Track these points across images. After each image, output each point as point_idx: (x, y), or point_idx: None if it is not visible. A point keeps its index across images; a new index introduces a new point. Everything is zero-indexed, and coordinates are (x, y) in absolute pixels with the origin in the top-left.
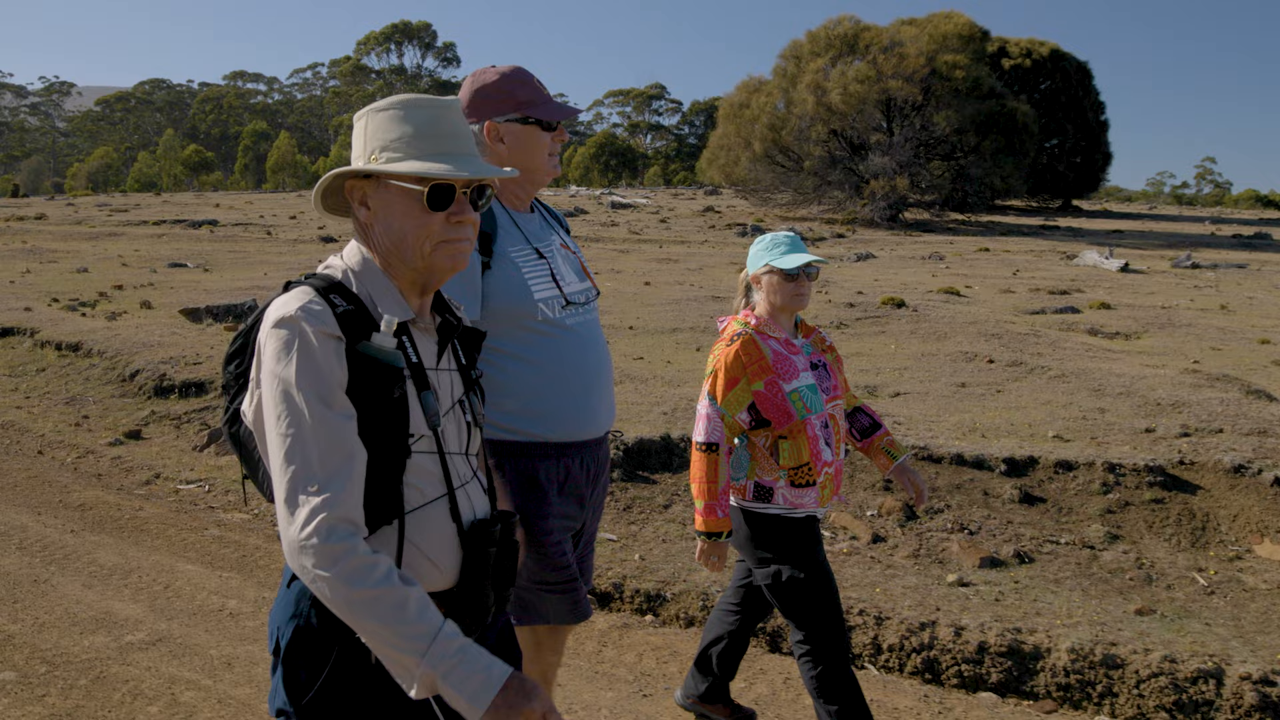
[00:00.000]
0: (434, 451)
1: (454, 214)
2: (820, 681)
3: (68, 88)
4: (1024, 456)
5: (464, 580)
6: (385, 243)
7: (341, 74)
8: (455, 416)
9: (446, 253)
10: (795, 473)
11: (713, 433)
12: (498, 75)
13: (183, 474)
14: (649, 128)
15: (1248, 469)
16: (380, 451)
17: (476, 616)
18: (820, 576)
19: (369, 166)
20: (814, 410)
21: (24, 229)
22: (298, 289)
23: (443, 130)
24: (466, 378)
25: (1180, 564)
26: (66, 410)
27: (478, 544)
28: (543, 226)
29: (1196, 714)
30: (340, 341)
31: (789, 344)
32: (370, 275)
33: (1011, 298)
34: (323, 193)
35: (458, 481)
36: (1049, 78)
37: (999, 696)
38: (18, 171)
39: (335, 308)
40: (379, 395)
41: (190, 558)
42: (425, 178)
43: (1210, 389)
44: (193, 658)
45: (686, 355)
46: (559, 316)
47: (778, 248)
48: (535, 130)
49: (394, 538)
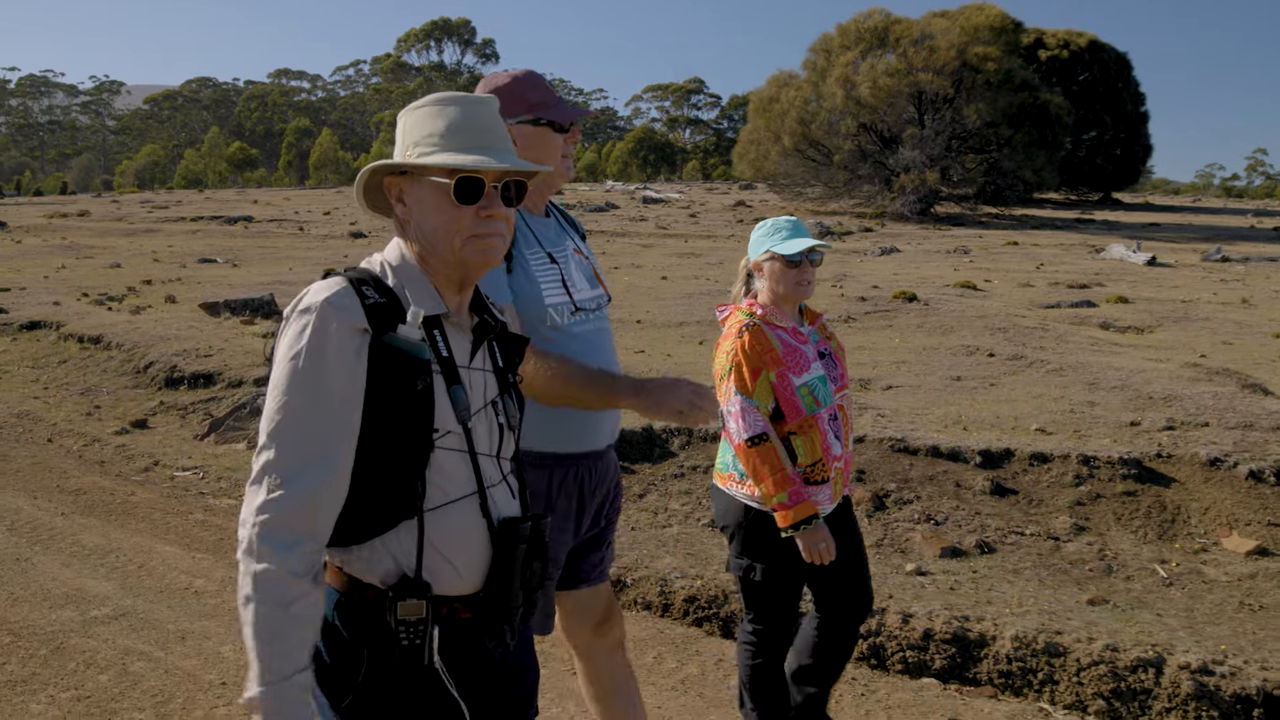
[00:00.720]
0: (463, 450)
1: (483, 208)
2: (755, 672)
3: (117, 86)
4: (1000, 449)
5: (491, 580)
6: (420, 238)
7: (382, 71)
8: (487, 417)
9: (477, 247)
10: (811, 469)
11: (754, 424)
12: (509, 78)
13: (180, 461)
14: (687, 122)
15: (1224, 462)
16: (400, 445)
17: (504, 618)
18: (794, 584)
19: (401, 161)
20: (824, 403)
21: (65, 226)
22: (331, 279)
23: (476, 125)
24: (502, 380)
25: (1144, 556)
26: (80, 400)
27: (507, 542)
28: (557, 231)
29: (1134, 702)
30: (365, 334)
31: (796, 333)
32: (406, 270)
33: (1029, 292)
34: (364, 190)
35: (485, 483)
36: (1087, 69)
37: (942, 683)
38: (69, 169)
39: (365, 299)
40: (403, 387)
41: (170, 540)
42: (454, 169)
43: (1207, 383)
44: (150, 631)
45: (688, 349)
46: (567, 323)
47: (779, 233)
48: (547, 132)
49: (414, 535)
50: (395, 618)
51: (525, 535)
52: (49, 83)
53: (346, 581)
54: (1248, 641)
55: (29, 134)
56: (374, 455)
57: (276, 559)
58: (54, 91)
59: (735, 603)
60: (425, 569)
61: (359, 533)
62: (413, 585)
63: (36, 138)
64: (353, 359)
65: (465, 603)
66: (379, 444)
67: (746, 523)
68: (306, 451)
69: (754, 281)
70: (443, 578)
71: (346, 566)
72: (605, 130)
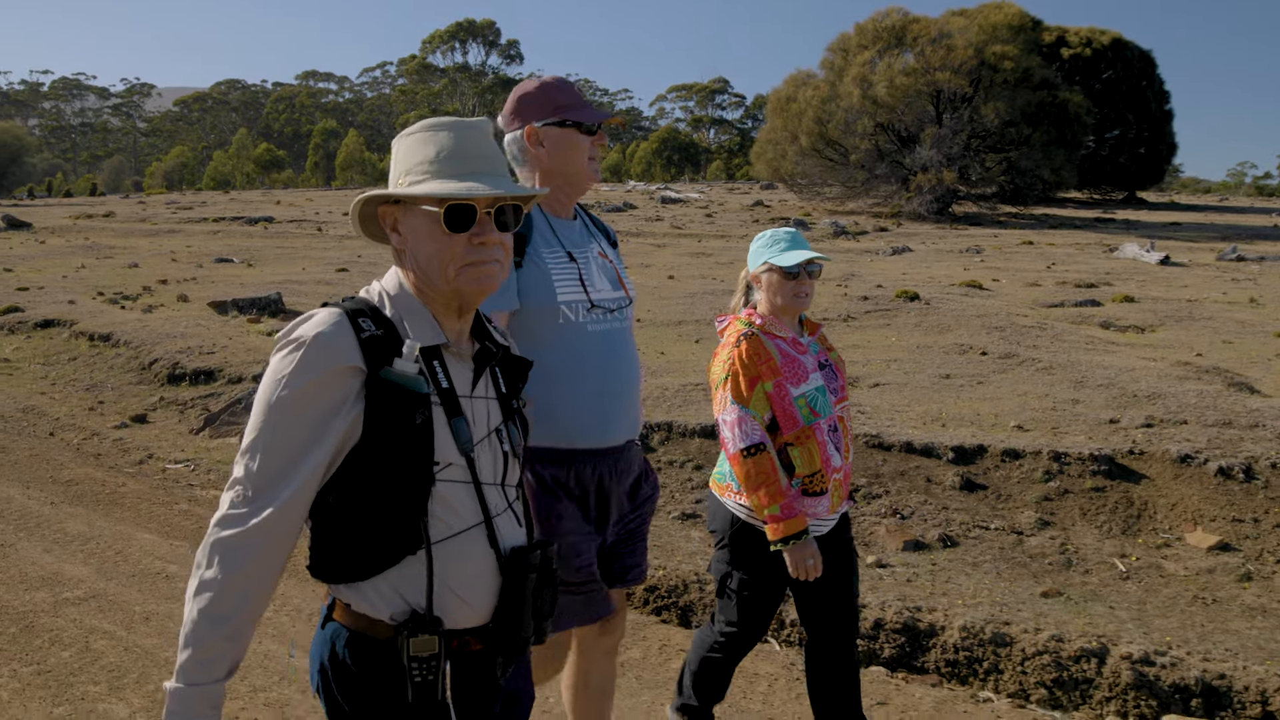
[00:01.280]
0: (467, 481)
1: (475, 235)
2: (706, 664)
3: (148, 89)
4: (973, 445)
5: (501, 610)
6: (415, 267)
7: (408, 72)
8: (491, 446)
9: (471, 276)
10: (809, 480)
11: (751, 434)
12: (538, 83)
13: (173, 454)
14: (712, 122)
15: (1194, 459)
16: (400, 480)
17: (514, 648)
18: (773, 598)
19: (391, 190)
20: (823, 414)
21: (90, 226)
22: (328, 310)
23: (467, 151)
24: (506, 407)
25: (1105, 550)
26: (85, 396)
27: (517, 572)
28: (582, 234)
29: (1075, 691)
30: (360, 373)
31: (796, 343)
32: (404, 300)
33: (1036, 291)
34: (360, 220)
35: (491, 512)
36: (1110, 67)
37: (889, 671)
38: (100, 171)
39: (361, 332)
40: (401, 421)
41: (151, 528)
42: (443, 198)
43: (1195, 381)
44: (117, 612)
45: (683, 347)
46: (582, 320)
47: (777, 244)
48: (573, 133)
49: (421, 570)
50: (408, 654)
51: (535, 564)
52: (81, 85)
53: (356, 619)
54: (1194, 634)
55: (61, 136)
56: (375, 491)
57: (224, 574)
58: (86, 94)
59: (695, 592)
60: (435, 604)
61: (364, 569)
62: (424, 621)
63: (69, 140)
64: (335, 397)
65: (476, 635)
66: (379, 479)
67: (736, 533)
68: (272, 476)
69: (753, 293)
70: (452, 611)
71: (355, 604)
72: (630, 131)
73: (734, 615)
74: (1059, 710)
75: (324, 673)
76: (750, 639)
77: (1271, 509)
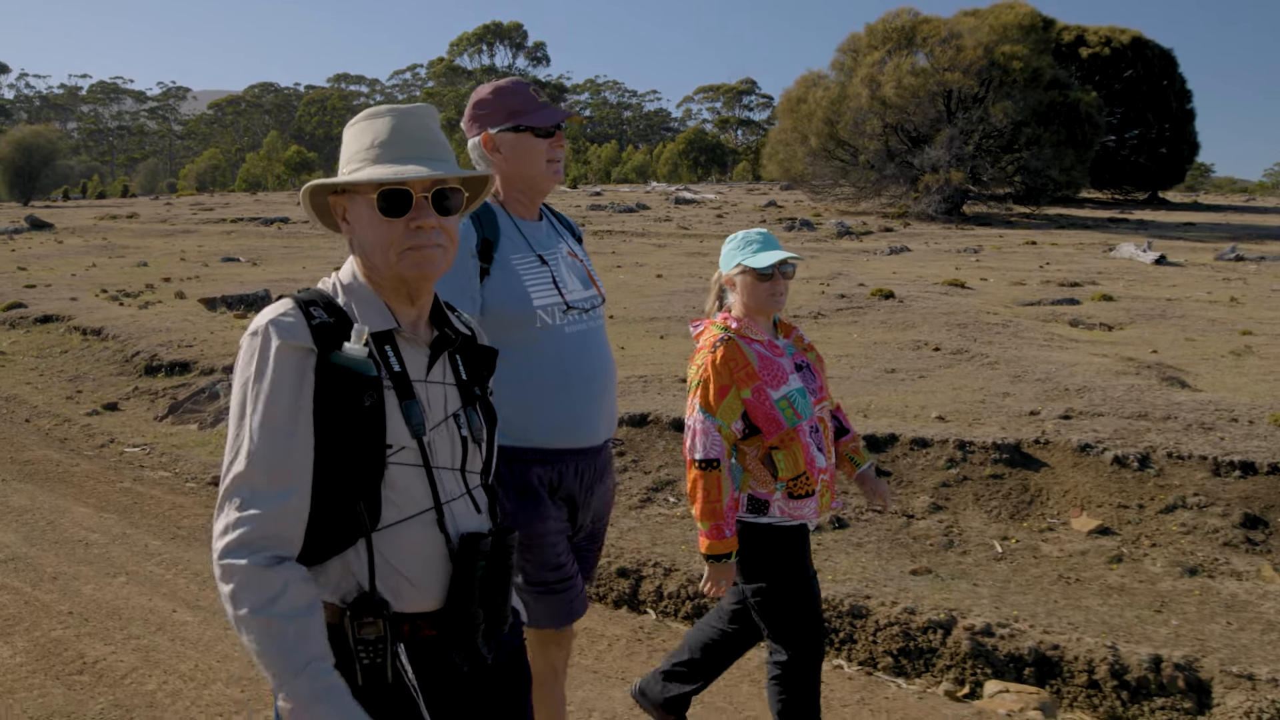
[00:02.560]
0: (419, 465)
1: (413, 219)
2: (789, 708)
3: (183, 92)
4: (885, 434)
5: (452, 597)
6: (362, 254)
7: (435, 75)
8: (448, 430)
9: (411, 260)
10: (794, 483)
11: (710, 448)
12: (492, 88)
13: (134, 439)
14: (739, 123)
15: (1094, 448)
16: (352, 462)
17: (466, 635)
18: (807, 594)
19: (328, 179)
20: (804, 415)
21: (110, 227)
22: (281, 301)
23: (404, 137)
24: (466, 393)
25: (989, 533)
26: (66, 386)
27: (466, 559)
28: (550, 234)
29: (920, 660)
30: (311, 353)
31: (772, 346)
32: (357, 289)
33: (1018, 290)
34: (319, 214)
35: (443, 498)
36: (1131, 66)
37: None
38: (135, 173)
39: (312, 319)
40: (350, 404)
41: (89, 503)
42: (376, 183)
43: (1132, 376)
44: (29, 573)
45: (646, 343)
46: (559, 323)
47: (750, 246)
48: (528, 138)
49: (364, 553)
50: (354, 637)
51: (486, 551)
52: (118, 89)
53: None
54: (1044, 609)
55: (99, 139)
56: (327, 474)
57: (247, 566)
58: (123, 98)
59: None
60: (383, 587)
61: (318, 552)
62: (369, 604)
63: (106, 143)
64: (298, 377)
65: (428, 620)
66: (331, 462)
67: (750, 543)
68: (267, 470)
69: (727, 296)
70: (402, 595)
71: None
72: (659, 132)
73: (787, 628)
74: (903, 677)
75: None
76: (814, 652)
77: (1158, 496)
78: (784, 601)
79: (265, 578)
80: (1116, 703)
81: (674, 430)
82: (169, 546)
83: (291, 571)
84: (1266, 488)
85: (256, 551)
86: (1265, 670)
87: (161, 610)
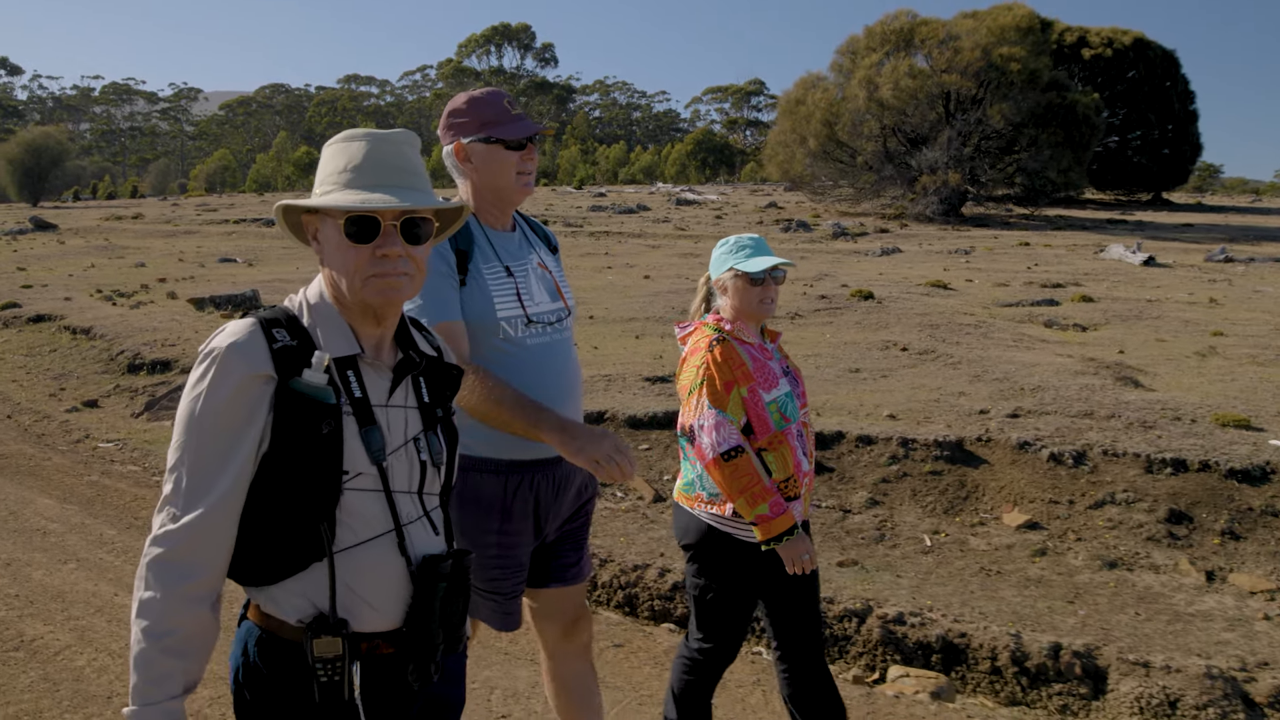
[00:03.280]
0: (378, 490)
1: (379, 247)
2: (688, 688)
3: (195, 93)
4: (833, 432)
5: (411, 618)
6: (329, 276)
7: (444, 76)
8: (407, 454)
9: (375, 287)
10: (784, 486)
11: (729, 438)
12: (467, 99)
13: (109, 435)
14: (747, 124)
15: (1032, 446)
16: (307, 488)
17: (426, 655)
18: (748, 606)
19: (300, 201)
20: (792, 419)
21: (112, 227)
22: (243, 320)
23: (379, 163)
24: (428, 416)
25: (921, 527)
26: (50, 384)
27: (427, 581)
28: (521, 245)
29: (834, 647)
30: (270, 380)
31: (763, 349)
32: (323, 309)
33: (1000, 291)
34: (293, 230)
35: (401, 520)
36: (1133, 67)
37: (679, 627)
38: (147, 174)
39: (274, 342)
40: (308, 431)
41: (54, 494)
42: (343, 210)
43: (1090, 376)
44: None
45: (620, 343)
46: (520, 335)
47: (742, 250)
48: (499, 150)
49: (324, 577)
50: (312, 655)
51: (446, 573)
52: (130, 90)
53: (267, 619)
54: (958, 599)
55: (111, 140)
56: (282, 498)
57: (162, 591)
58: (135, 99)
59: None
60: (341, 607)
61: (272, 574)
62: (328, 623)
63: (118, 143)
64: (249, 405)
65: (386, 639)
66: (287, 487)
67: (708, 543)
68: (197, 489)
69: (715, 299)
70: (360, 616)
71: (264, 606)
72: (668, 133)
73: (713, 629)
74: None
75: (237, 672)
76: (729, 652)
77: (1089, 492)
78: (726, 606)
79: (170, 610)
80: (1016, 688)
81: (628, 427)
82: (123, 535)
83: (199, 606)
84: (1195, 485)
85: (177, 578)
86: (1160, 658)
87: (104, 594)
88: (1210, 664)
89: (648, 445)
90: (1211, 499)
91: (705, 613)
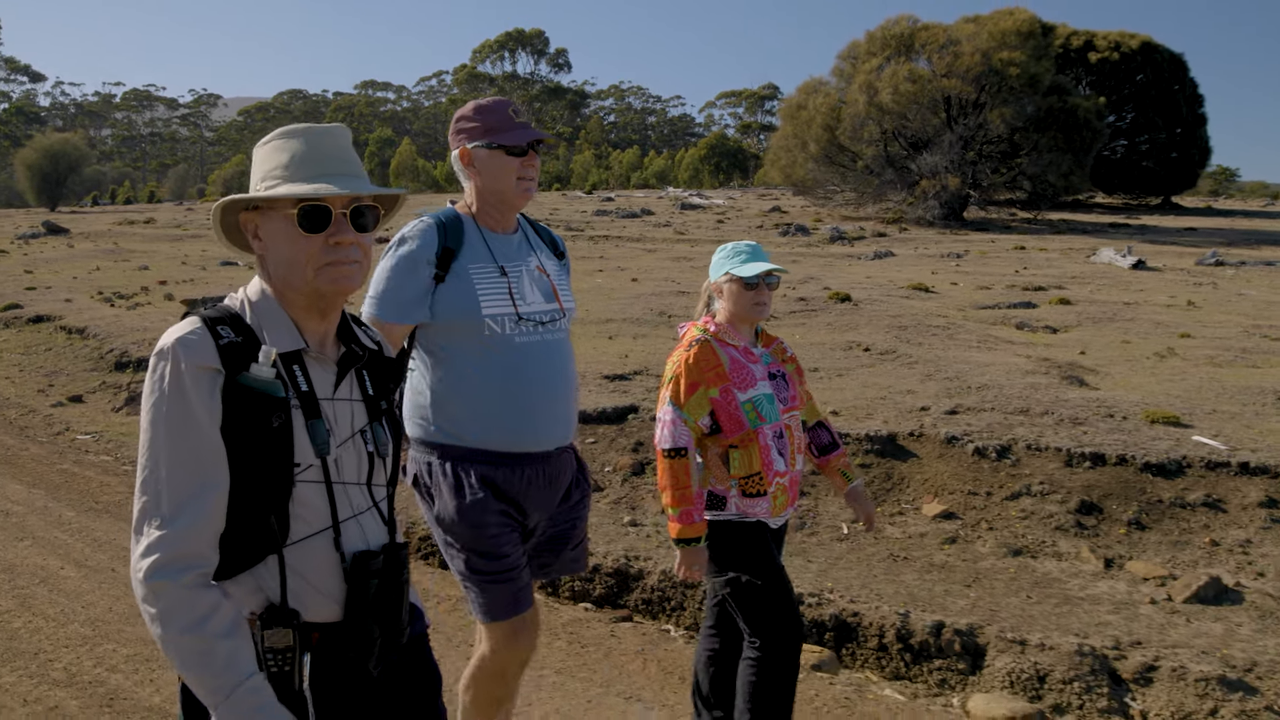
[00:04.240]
0: (321, 481)
1: (332, 235)
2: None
3: (214, 99)
4: None
5: (347, 613)
6: (276, 271)
7: (459, 81)
8: (355, 446)
9: (329, 275)
10: (746, 482)
11: (678, 437)
12: (474, 106)
13: (87, 427)
14: (760, 128)
15: (959, 440)
16: (261, 481)
17: (362, 650)
18: (776, 581)
19: (247, 195)
20: (769, 420)
21: (123, 232)
22: (188, 319)
23: (321, 155)
24: (373, 408)
25: (843, 516)
26: (41, 380)
27: (359, 576)
28: (520, 247)
29: None
30: (218, 374)
31: (748, 352)
32: (265, 306)
33: (981, 294)
34: (225, 231)
35: (349, 512)
36: (1140, 71)
37: (597, 608)
38: (166, 179)
39: (220, 339)
40: (258, 424)
41: (24, 480)
42: (298, 199)
43: (1039, 375)
44: None
45: (592, 343)
46: (508, 332)
47: (738, 256)
48: (500, 155)
49: (276, 569)
50: (262, 646)
51: (378, 569)
52: (151, 97)
53: None
54: (860, 583)
55: (132, 145)
56: (238, 491)
57: (173, 586)
58: (155, 105)
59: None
60: (293, 598)
61: (229, 567)
62: (279, 614)
63: (139, 149)
64: (206, 396)
65: (327, 631)
66: (240, 481)
67: (717, 540)
68: (178, 490)
69: (714, 302)
70: (312, 606)
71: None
72: (682, 137)
73: (765, 620)
74: None
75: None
76: (794, 643)
77: (1008, 484)
78: (756, 590)
79: (193, 599)
80: (900, 664)
81: (580, 422)
82: (82, 518)
83: (217, 591)
84: (1109, 478)
85: (180, 571)
86: (1037, 636)
87: (50, 567)
88: (1084, 642)
89: (594, 439)
90: (1124, 491)
91: (749, 606)
